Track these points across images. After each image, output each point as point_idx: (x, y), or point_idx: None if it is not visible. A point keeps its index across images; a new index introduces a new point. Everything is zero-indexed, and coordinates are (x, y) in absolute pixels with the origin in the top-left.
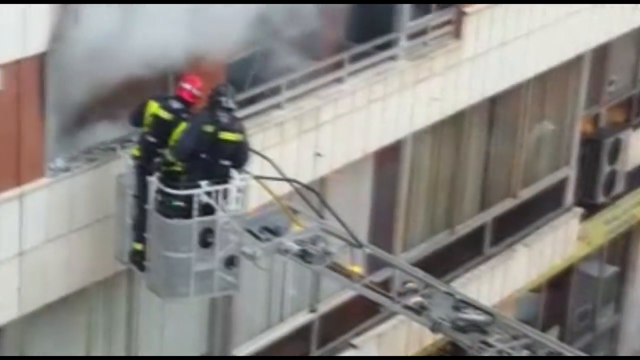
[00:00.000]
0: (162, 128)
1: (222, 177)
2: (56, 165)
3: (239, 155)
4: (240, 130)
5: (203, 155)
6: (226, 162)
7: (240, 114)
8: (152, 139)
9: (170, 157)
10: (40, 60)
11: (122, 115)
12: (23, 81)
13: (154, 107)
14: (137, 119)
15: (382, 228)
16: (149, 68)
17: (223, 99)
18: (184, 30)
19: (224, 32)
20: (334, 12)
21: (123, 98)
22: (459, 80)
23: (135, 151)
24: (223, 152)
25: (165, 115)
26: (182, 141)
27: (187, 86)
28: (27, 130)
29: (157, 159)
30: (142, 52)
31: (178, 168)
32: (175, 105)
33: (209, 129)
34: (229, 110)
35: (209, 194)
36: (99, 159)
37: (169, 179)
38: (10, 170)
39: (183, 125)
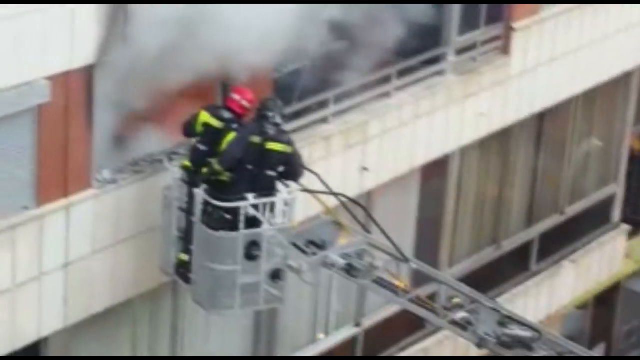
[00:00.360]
0: (213, 137)
1: (268, 189)
2: (103, 177)
3: (290, 168)
4: (288, 142)
5: (249, 166)
6: (272, 173)
7: (287, 127)
8: (203, 147)
9: (217, 167)
10: (88, 72)
11: (169, 127)
12: (71, 93)
13: (205, 116)
14: (189, 129)
15: (428, 243)
16: (204, 75)
17: (270, 113)
18: (245, 36)
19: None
20: (382, 26)
21: (172, 109)
22: (507, 95)
23: (185, 162)
24: (269, 162)
25: (216, 123)
26: (229, 150)
27: (236, 97)
28: (74, 142)
29: (205, 169)
30: (199, 59)
31: (225, 178)
32: (226, 115)
33: (256, 139)
34: (276, 124)
35: (255, 206)
36: (146, 170)
37: (216, 190)
38: (57, 182)
39: (232, 135)
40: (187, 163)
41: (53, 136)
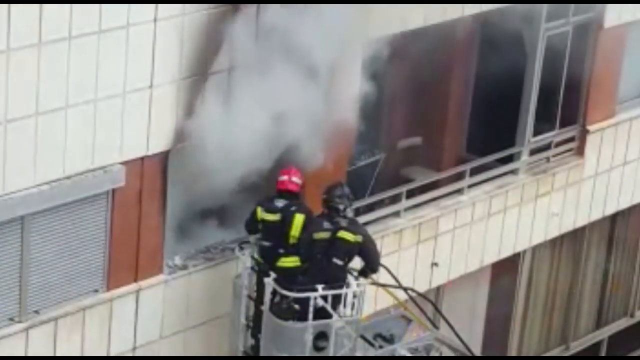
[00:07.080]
0: (273, 231)
1: (337, 279)
2: (174, 263)
3: (365, 258)
4: (360, 233)
5: (318, 256)
6: (339, 262)
7: (359, 219)
8: (267, 244)
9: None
10: (163, 159)
11: (240, 217)
12: (145, 178)
13: (259, 212)
14: (251, 227)
15: (496, 340)
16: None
17: (340, 206)
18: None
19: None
20: (457, 124)
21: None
22: (580, 197)
23: (256, 257)
24: (338, 250)
25: (271, 217)
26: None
27: (283, 177)
28: (147, 227)
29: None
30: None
31: (291, 264)
32: (280, 203)
33: (324, 235)
34: (347, 217)
35: (324, 297)
36: (216, 258)
37: (286, 280)
38: (128, 265)
39: (298, 218)
40: (259, 258)
41: (126, 220)
